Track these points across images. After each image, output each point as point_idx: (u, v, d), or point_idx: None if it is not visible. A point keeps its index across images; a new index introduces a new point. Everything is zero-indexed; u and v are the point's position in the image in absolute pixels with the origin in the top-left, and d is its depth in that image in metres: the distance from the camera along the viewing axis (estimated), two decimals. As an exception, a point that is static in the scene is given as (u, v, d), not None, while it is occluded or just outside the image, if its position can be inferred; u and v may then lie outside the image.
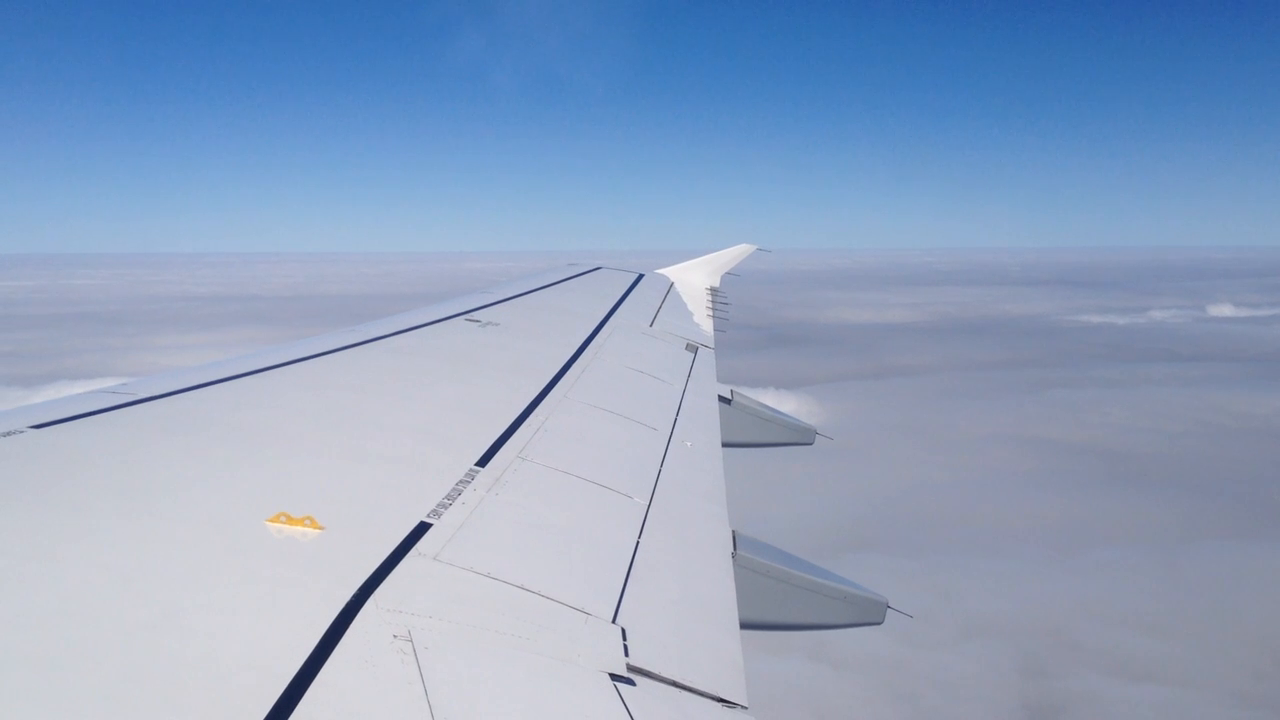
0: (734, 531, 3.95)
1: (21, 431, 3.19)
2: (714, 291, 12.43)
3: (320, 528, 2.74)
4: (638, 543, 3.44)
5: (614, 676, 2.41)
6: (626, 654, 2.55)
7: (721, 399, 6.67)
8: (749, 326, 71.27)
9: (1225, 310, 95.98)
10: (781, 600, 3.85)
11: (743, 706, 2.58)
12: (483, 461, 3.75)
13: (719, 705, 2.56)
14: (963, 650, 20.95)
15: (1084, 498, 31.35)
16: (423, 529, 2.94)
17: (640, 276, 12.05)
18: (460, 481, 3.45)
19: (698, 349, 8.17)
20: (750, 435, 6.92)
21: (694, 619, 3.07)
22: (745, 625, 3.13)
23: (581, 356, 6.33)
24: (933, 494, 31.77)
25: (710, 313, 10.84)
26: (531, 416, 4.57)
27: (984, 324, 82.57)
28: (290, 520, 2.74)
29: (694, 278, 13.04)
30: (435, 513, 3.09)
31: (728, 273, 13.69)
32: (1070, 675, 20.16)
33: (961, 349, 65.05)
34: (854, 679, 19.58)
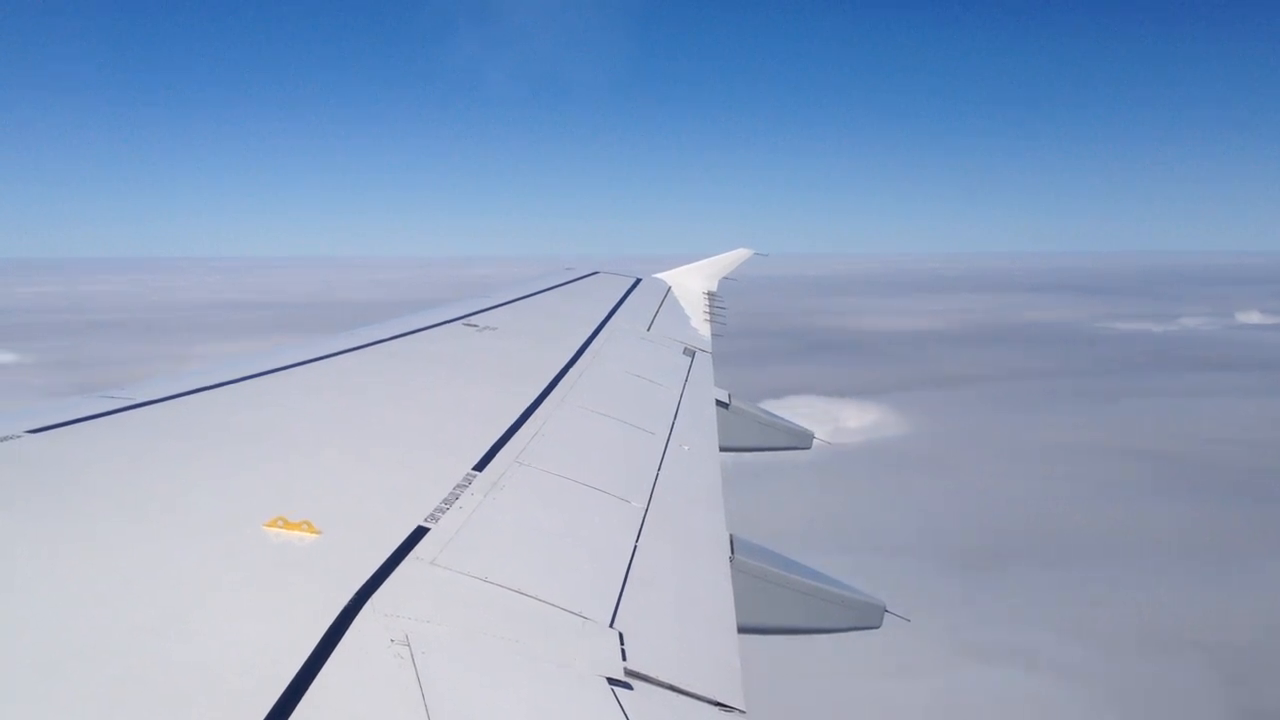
0: (731, 535, 3.95)
1: (18, 436, 3.18)
2: (711, 296, 12.35)
3: (317, 532, 2.74)
4: (635, 546, 3.43)
5: (611, 681, 2.41)
6: (624, 658, 2.55)
7: (719, 403, 6.66)
8: (783, 334, 70.30)
9: (1254, 318, 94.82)
10: (779, 604, 3.86)
11: (740, 710, 2.58)
12: (480, 465, 3.74)
13: (717, 709, 2.55)
14: (1161, 660, 20.84)
15: (1207, 508, 30.70)
16: (420, 533, 2.93)
17: (638, 281, 11.99)
18: (458, 485, 3.44)
19: (695, 353, 8.13)
20: (748, 439, 6.92)
21: (691, 623, 3.07)
22: (743, 629, 3.12)
23: (579, 360, 6.31)
24: (1055, 504, 31.44)
25: (708, 317, 10.79)
26: (529, 420, 4.56)
27: (1017, 331, 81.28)
28: (288, 524, 2.73)
29: (691, 282, 12.96)
30: (433, 517, 3.08)
31: (725, 277, 13.63)
32: (1275, 683, 19.99)
33: (1009, 357, 64.09)
34: (1073, 687, 19.62)
